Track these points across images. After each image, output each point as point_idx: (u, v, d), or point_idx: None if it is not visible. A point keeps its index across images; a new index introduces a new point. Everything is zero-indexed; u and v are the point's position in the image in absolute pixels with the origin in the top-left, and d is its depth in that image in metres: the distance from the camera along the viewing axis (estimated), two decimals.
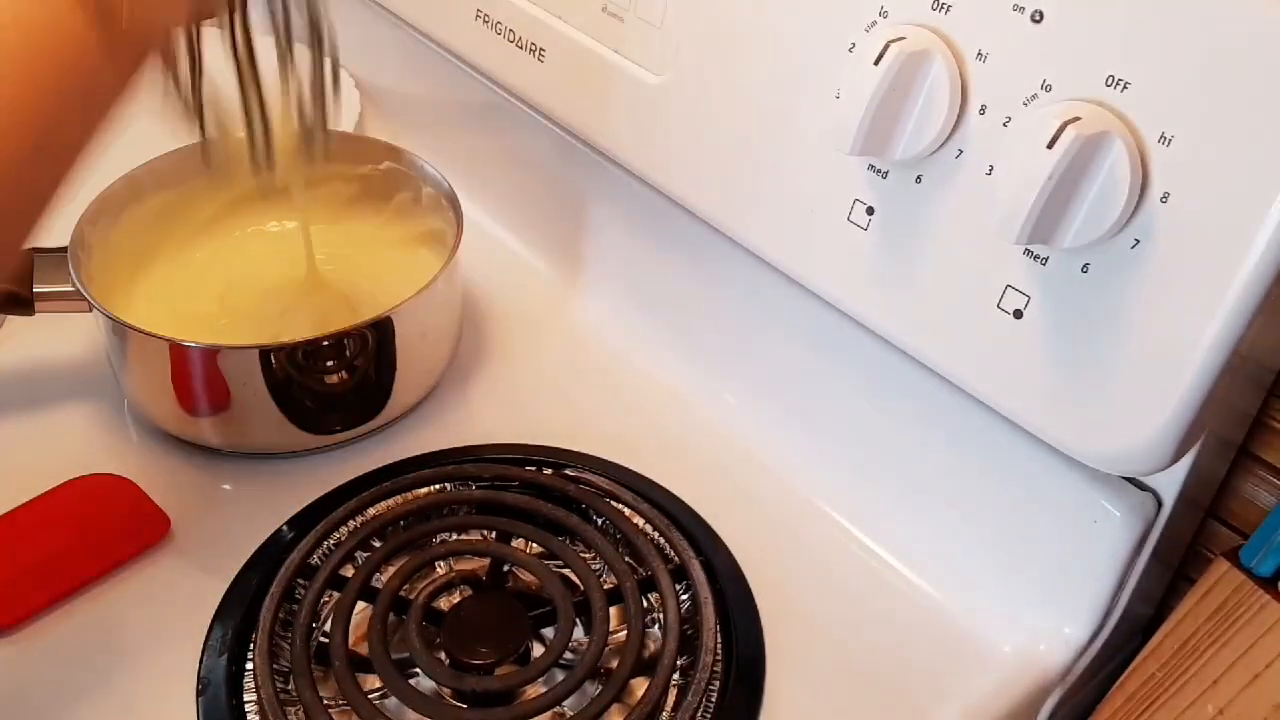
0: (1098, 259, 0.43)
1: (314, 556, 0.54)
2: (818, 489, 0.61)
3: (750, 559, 0.57)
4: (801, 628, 0.55)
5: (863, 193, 0.50)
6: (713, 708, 0.50)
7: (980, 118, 0.45)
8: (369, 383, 0.61)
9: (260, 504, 0.59)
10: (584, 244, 0.73)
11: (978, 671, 0.54)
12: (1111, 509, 0.51)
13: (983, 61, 0.45)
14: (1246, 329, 0.40)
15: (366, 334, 0.58)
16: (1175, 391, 0.42)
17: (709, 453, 0.63)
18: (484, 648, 0.50)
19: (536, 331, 0.71)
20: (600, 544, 0.55)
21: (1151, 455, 0.44)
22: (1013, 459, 0.53)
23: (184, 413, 0.60)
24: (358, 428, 0.62)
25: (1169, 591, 0.60)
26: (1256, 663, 0.48)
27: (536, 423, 0.64)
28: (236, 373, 0.57)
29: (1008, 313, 0.46)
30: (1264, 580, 0.49)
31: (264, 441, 0.61)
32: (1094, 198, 0.41)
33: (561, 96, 0.65)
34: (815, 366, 0.61)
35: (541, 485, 0.58)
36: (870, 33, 0.48)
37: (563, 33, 0.63)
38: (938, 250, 0.48)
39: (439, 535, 0.56)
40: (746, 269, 0.61)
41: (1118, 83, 0.41)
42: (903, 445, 0.58)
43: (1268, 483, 0.54)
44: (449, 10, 0.71)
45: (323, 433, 0.61)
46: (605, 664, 0.51)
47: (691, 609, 0.53)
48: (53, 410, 0.64)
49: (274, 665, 0.50)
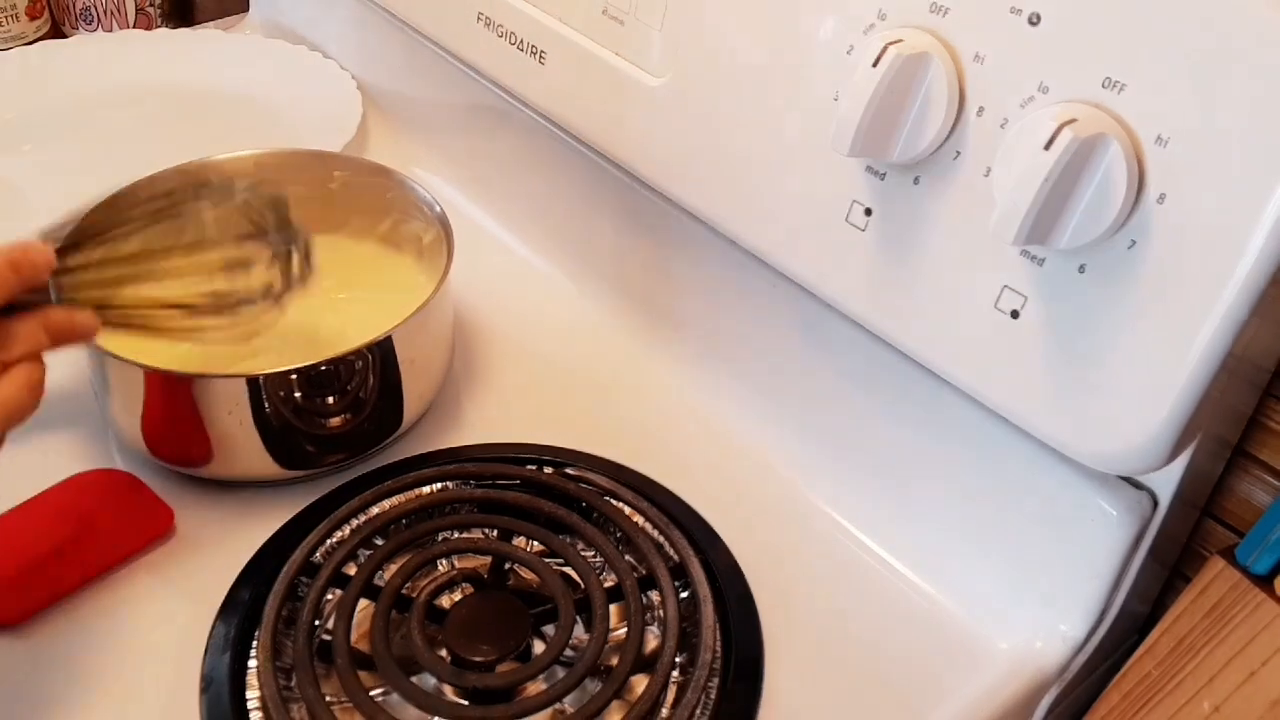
0: (1094, 260, 0.43)
1: (317, 554, 0.55)
2: (817, 488, 0.61)
3: (750, 557, 0.57)
4: (800, 625, 0.55)
5: (861, 194, 0.50)
6: (712, 705, 0.50)
7: (978, 119, 0.45)
8: (365, 420, 0.60)
9: (263, 503, 0.59)
10: (583, 244, 0.73)
11: (974, 669, 0.54)
12: (1108, 508, 0.51)
13: (980, 63, 0.45)
14: (1242, 329, 0.41)
15: (361, 361, 0.57)
16: (1171, 391, 0.43)
17: (709, 452, 0.64)
18: (485, 645, 0.51)
19: (536, 331, 0.72)
20: (600, 542, 0.55)
21: (1148, 454, 0.45)
22: (1009, 458, 0.53)
23: (170, 442, 0.58)
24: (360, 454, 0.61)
25: (1165, 590, 0.60)
26: (1252, 660, 0.48)
27: (537, 422, 0.64)
28: (220, 403, 0.56)
29: (1005, 313, 0.47)
30: (1259, 578, 0.49)
31: (262, 473, 0.60)
32: (1090, 199, 0.41)
33: (562, 99, 0.66)
34: (815, 366, 0.61)
35: (542, 484, 0.58)
36: (868, 35, 0.48)
37: (563, 35, 0.63)
38: (935, 251, 0.48)
39: (441, 533, 0.56)
40: (746, 269, 0.61)
41: (1114, 84, 0.41)
42: (900, 444, 0.58)
43: (1263, 481, 0.54)
44: (450, 12, 0.71)
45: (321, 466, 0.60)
46: (605, 661, 0.51)
47: (691, 607, 0.53)
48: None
49: (277, 663, 0.50)
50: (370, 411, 0.60)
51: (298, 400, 0.57)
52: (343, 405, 0.58)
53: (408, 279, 0.67)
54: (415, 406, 0.62)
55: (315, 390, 0.57)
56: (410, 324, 0.58)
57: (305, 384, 0.56)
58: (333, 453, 0.60)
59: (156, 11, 0.99)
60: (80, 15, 0.97)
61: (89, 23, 0.97)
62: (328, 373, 0.57)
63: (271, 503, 0.58)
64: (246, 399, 0.55)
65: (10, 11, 0.94)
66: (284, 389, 0.56)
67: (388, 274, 0.69)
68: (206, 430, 0.57)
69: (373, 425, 0.60)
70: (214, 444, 0.57)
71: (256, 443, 0.57)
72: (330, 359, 0.56)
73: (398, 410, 0.61)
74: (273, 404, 0.56)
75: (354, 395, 0.58)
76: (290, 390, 0.56)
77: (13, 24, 0.95)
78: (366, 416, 0.60)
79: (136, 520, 0.57)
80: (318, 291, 0.67)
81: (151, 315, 0.50)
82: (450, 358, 0.66)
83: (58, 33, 0.99)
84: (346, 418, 0.59)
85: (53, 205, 0.69)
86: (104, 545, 0.55)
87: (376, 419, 0.60)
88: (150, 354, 0.56)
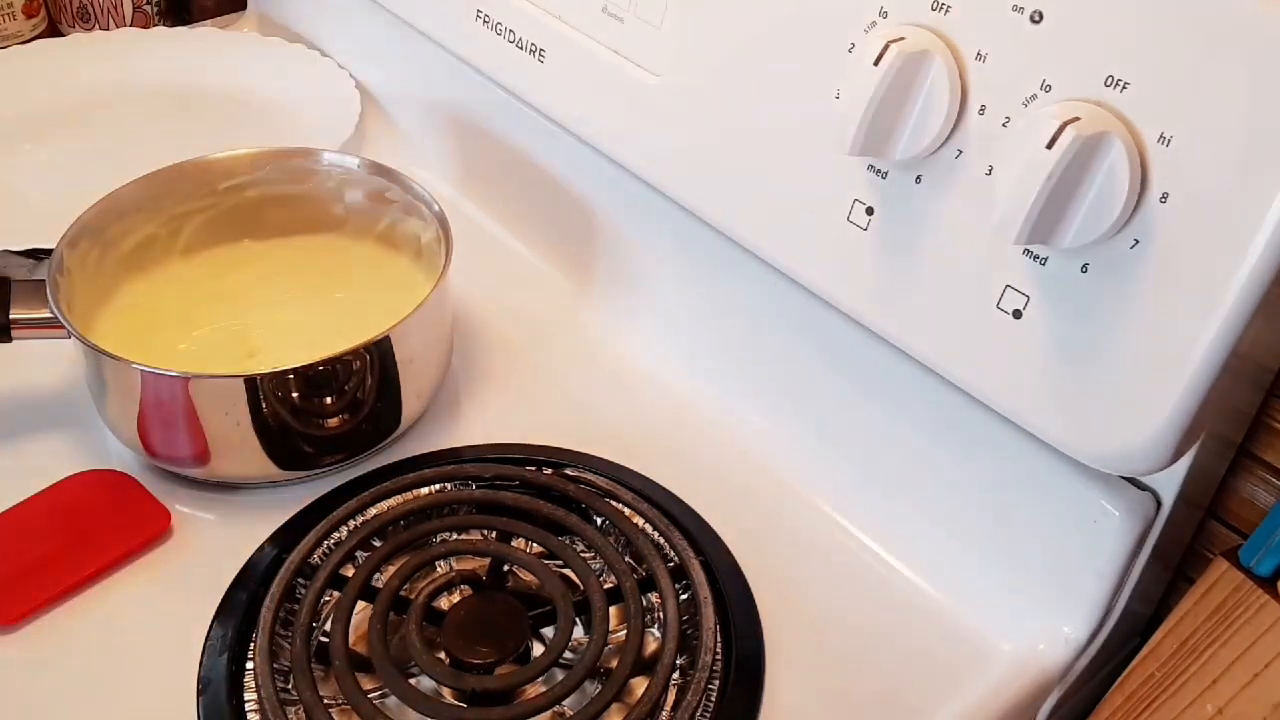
0: (1097, 259, 0.43)
1: (314, 556, 0.54)
2: (817, 488, 0.61)
3: (750, 558, 0.57)
4: (801, 627, 0.55)
5: (862, 193, 0.50)
6: (712, 707, 0.50)
7: (980, 118, 0.45)
8: (363, 420, 0.59)
9: (260, 504, 0.59)
10: (583, 244, 0.73)
11: (977, 671, 0.54)
12: (1111, 508, 0.51)
13: (982, 62, 0.45)
14: (1245, 329, 0.41)
15: (359, 361, 0.57)
16: (1174, 391, 0.42)
17: (709, 453, 0.63)
18: (484, 647, 0.51)
19: (536, 331, 0.71)
20: (600, 543, 0.55)
21: (1151, 455, 0.44)
22: (1012, 458, 0.53)
23: (167, 443, 0.58)
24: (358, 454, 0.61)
25: (1168, 591, 0.60)
26: (1256, 662, 0.48)
27: (536, 423, 0.64)
28: (217, 403, 0.56)
29: (1007, 313, 0.46)
30: (1263, 580, 0.49)
31: (259, 474, 0.59)
32: (1093, 198, 0.41)
33: (561, 97, 0.65)
34: (815, 366, 0.61)
35: (541, 485, 0.58)
36: (870, 33, 0.48)
37: (562, 33, 0.63)
38: (937, 250, 0.48)
39: (439, 535, 0.56)
40: (746, 269, 0.61)
41: (1117, 83, 0.41)
42: (902, 444, 0.58)
43: (1267, 482, 0.54)
44: (449, 10, 0.71)
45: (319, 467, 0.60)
46: (605, 663, 0.51)
47: (691, 608, 0.53)
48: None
49: (274, 664, 0.50)
50: (368, 412, 0.59)
51: (295, 400, 0.56)
52: (341, 406, 0.58)
53: (406, 278, 0.67)
54: (414, 407, 0.62)
55: (313, 390, 0.57)
56: (408, 324, 0.58)
57: (303, 384, 0.56)
58: (330, 453, 0.60)
59: (153, 10, 0.99)
60: (77, 14, 0.97)
61: (86, 21, 0.97)
62: (325, 373, 0.56)
63: (269, 504, 0.58)
64: (244, 399, 0.55)
65: (7, 10, 0.94)
66: (281, 389, 0.56)
67: (386, 273, 0.68)
68: (203, 431, 0.56)
69: (371, 426, 0.60)
70: (211, 444, 0.57)
71: (254, 443, 0.57)
72: (328, 359, 0.56)
73: (396, 411, 0.61)
74: (270, 404, 0.56)
75: (352, 395, 0.58)
76: (288, 390, 0.56)
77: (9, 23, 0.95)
78: (364, 417, 0.59)
79: (133, 521, 0.57)
80: (316, 291, 0.67)
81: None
82: (449, 358, 0.66)
83: (55, 31, 0.98)
84: (344, 418, 0.59)
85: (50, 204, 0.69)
86: (100, 546, 0.55)
87: (374, 419, 0.60)
88: (147, 354, 0.55)
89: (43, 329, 0.58)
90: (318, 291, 0.67)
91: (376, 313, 0.59)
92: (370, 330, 0.57)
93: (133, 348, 0.56)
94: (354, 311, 0.65)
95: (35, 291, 0.58)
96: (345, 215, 0.70)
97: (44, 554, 0.55)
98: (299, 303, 0.66)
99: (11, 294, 0.58)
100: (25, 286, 0.58)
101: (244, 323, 0.65)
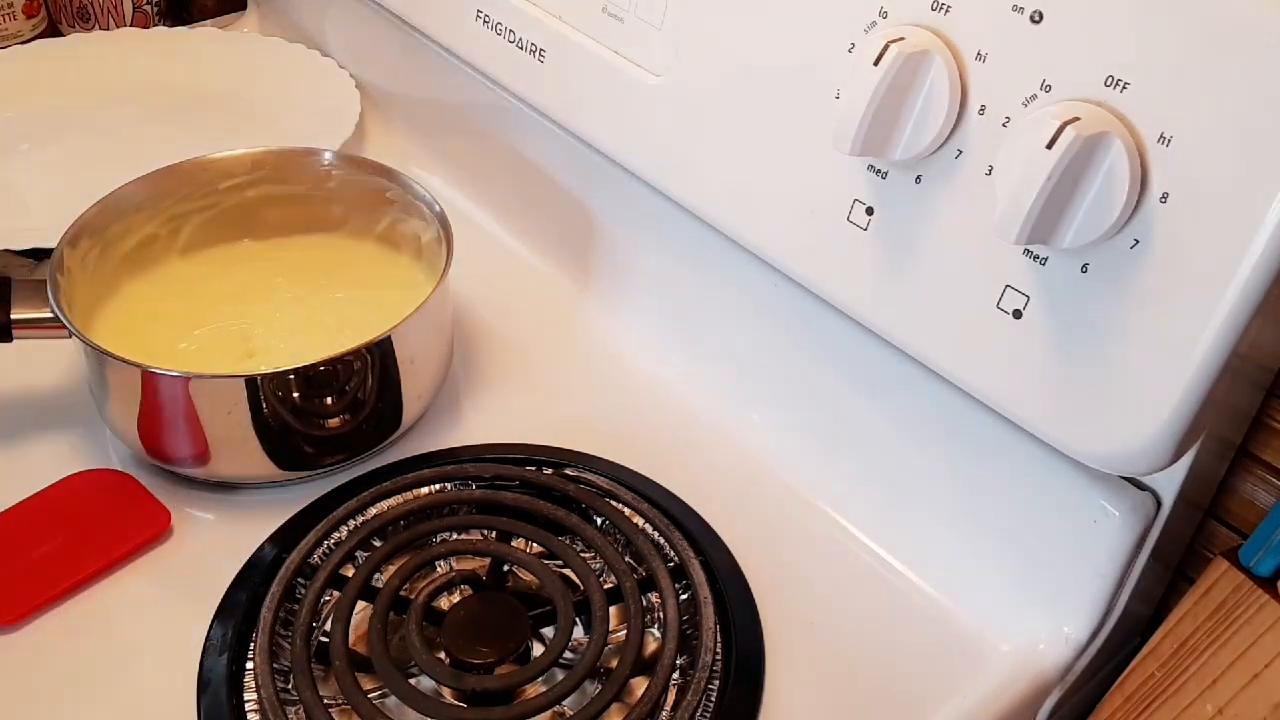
0: (1097, 259, 0.43)
1: (314, 556, 0.54)
2: (818, 488, 0.61)
3: (750, 559, 0.57)
4: (801, 627, 0.55)
5: (862, 193, 0.50)
6: (712, 707, 0.50)
7: (980, 118, 0.45)
8: (364, 421, 0.59)
9: (260, 504, 0.59)
10: (583, 244, 0.73)
11: (977, 671, 0.54)
12: (1111, 509, 0.51)
13: (982, 62, 0.45)
14: (1246, 329, 0.41)
15: (360, 361, 0.57)
16: (1174, 391, 0.42)
17: (709, 453, 0.63)
18: (484, 647, 0.51)
19: (536, 331, 0.71)
20: (600, 543, 0.55)
21: (1151, 455, 0.44)
22: (1012, 459, 0.53)
23: (168, 443, 0.58)
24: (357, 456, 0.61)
25: (1168, 591, 0.60)
26: (1256, 662, 0.48)
27: (536, 423, 0.64)
28: (217, 403, 0.56)
29: (1007, 313, 0.46)
30: (1263, 580, 0.49)
31: (259, 474, 0.59)
32: (1093, 198, 0.41)
33: (561, 97, 0.65)
34: (815, 367, 0.61)
35: (541, 485, 0.58)
36: (870, 33, 0.48)
37: (562, 33, 0.63)
38: (937, 250, 0.48)
39: (439, 535, 0.56)
40: (746, 269, 0.61)
41: (1117, 83, 0.41)
42: (902, 445, 0.58)
43: (1267, 482, 0.54)
44: (449, 10, 0.71)
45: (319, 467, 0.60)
46: (605, 663, 0.51)
47: (691, 608, 0.53)
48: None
49: (274, 664, 0.50)
50: (369, 412, 0.59)
51: (296, 401, 0.56)
52: (341, 406, 0.58)
53: (406, 278, 0.67)
54: (414, 407, 0.62)
55: (314, 390, 0.57)
56: (409, 324, 0.58)
57: (303, 384, 0.56)
58: (331, 453, 0.60)
59: (153, 10, 0.99)
60: (77, 13, 0.97)
61: (86, 21, 0.97)
62: (326, 373, 0.56)
63: (269, 504, 0.58)
64: (244, 399, 0.55)
65: (7, 10, 0.94)
66: (282, 389, 0.56)
67: (386, 273, 0.68)
68: (204, 431, 0.56)
69: (371, 426, 0.60)
70: (211, 444, 0.57)
71: (254, 443, 0.57)
72: (329, 359, 0.56)
73: (396, 411, 0.61)
74: (271, 404, 0.56)
75: (353, 396, 0.58)
76: (288, 390, 0.56)
77: (9, 23, 0.95)
78: (365, 417, 0.59)
79: (133, 521, 0.57)
80: (317, 291, 0.67)
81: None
82: (449, 358, 0.66)
83: (54, 31, 0.98)
84: (345, 418, 0.59)
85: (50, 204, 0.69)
86: (100, 546, 0.55)
87: (375, 419, 0.60)
88: (148, 354, 0.55)
89: (43, 328, 0.58)
90: (318, 291, 0.67)
91: (377, 313, 0.59)
92: (370, 330, 0.57)
93: (133, 347, 0.56)
94: (354, 311, 0.65)
95: (36, 291, 0.58)
96: (345, 215, 0.70)
97: (44, 554, 0.55)
98: (299, 302, 0.66)
99: (12, 294, 0.58)
100: (26, 286, 0.58)
101: (244, 322, 0.65)
